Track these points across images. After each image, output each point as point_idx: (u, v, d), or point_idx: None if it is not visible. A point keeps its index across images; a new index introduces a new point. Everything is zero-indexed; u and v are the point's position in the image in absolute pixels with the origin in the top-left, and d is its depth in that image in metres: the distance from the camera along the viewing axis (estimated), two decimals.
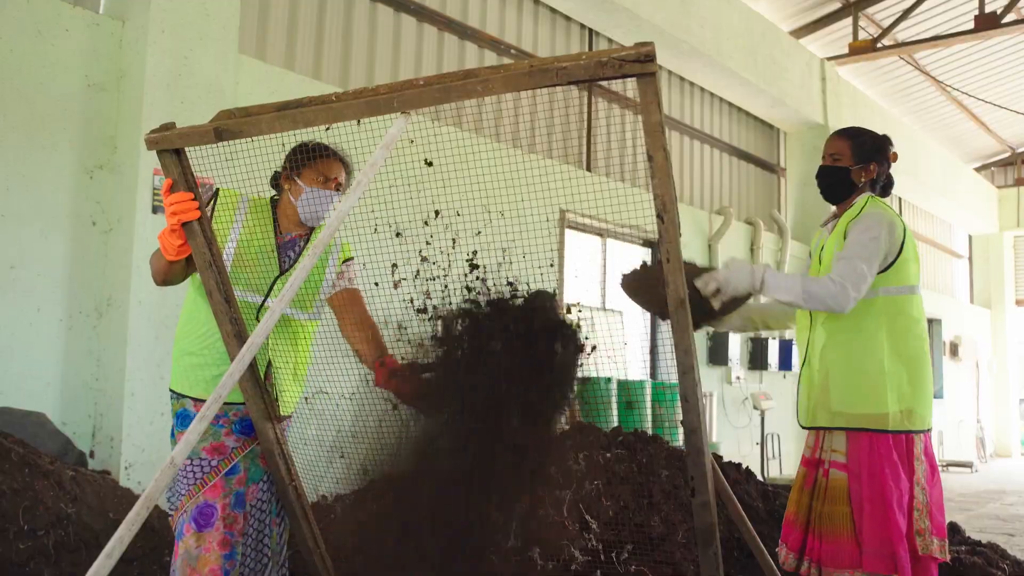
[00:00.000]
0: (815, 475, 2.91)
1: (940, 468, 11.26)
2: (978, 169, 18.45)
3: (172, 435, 3.21)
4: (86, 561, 3.66)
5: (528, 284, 2.74)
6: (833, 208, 3.13)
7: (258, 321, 3.03)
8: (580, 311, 2.54)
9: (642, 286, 2.80)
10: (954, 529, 4.92)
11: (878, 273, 2.88)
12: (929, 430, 2.91)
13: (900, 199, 15.88)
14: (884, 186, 3.14)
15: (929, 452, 2.91)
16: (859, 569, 2.74)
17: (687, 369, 2.56)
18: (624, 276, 2.88)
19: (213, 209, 3.13)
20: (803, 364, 3.05)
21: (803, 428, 3.04)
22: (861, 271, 2.80)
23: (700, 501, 2.68)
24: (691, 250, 9.98)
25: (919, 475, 2.82)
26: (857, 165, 3.05)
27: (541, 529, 3.49)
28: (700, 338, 10.24)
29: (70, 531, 3.90)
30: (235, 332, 3.03)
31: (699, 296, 2.68)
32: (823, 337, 2.95)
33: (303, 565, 3.47)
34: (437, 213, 3.22)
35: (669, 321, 2.47)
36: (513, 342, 2.49)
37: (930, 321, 16.67)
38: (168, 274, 3.09)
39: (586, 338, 2.51)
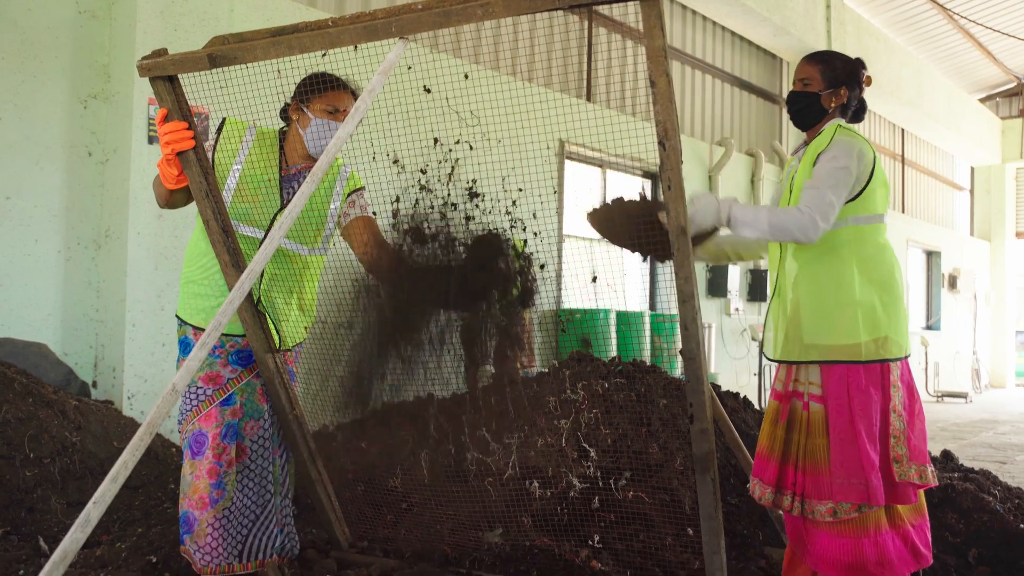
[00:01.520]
0: (789, 408, 2.91)
1: (936, 399, 11.32)
2: (982, 100, 18.25)
3: (177, 361, 3.23)
4: (92, 488, 3.72)
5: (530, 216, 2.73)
6: (804, 135, 3.08)
7: None
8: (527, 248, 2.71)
9: (612, 221, 2.81)
10: (947, 456, 4.99)
11: (847, 202, 2.84)
12: (907, 357, 2.90)
13: (903, 130, 15.74)
14: (856, 111, 3.08)
15: (907, 378, 2.89)
16: (831, 499, 2.77)
17: (687, 297, 2.56)
18: (593, 210, 2.87)
19: (218, 139, 3.10)
20: (773, 296, 3.04)
21: (771, 361, 3.03)
22: (829, 201, 2.77)
23: (698, 428, 2.71)
24: (692, 181, 9.92)
25: (895, 402, 2.82)
26: (827, 90, 2.98)
27: (538, 457, 3.54)
28: (699, 270, 10.25)
29: (75, 459, 3.95)
30: (233, 262, 3.03)
31: (663, 231, 2.65)
32: (794, 269, 2.93)
33: (306, 495, 3.53)
34: (436, 141, 3.18)
35: (639, 255, 2.50)
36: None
37: (929, 253, 16.68)
38: (170, 200, 3.09)
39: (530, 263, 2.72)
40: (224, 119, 3.13)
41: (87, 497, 2.18)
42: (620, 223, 2.78)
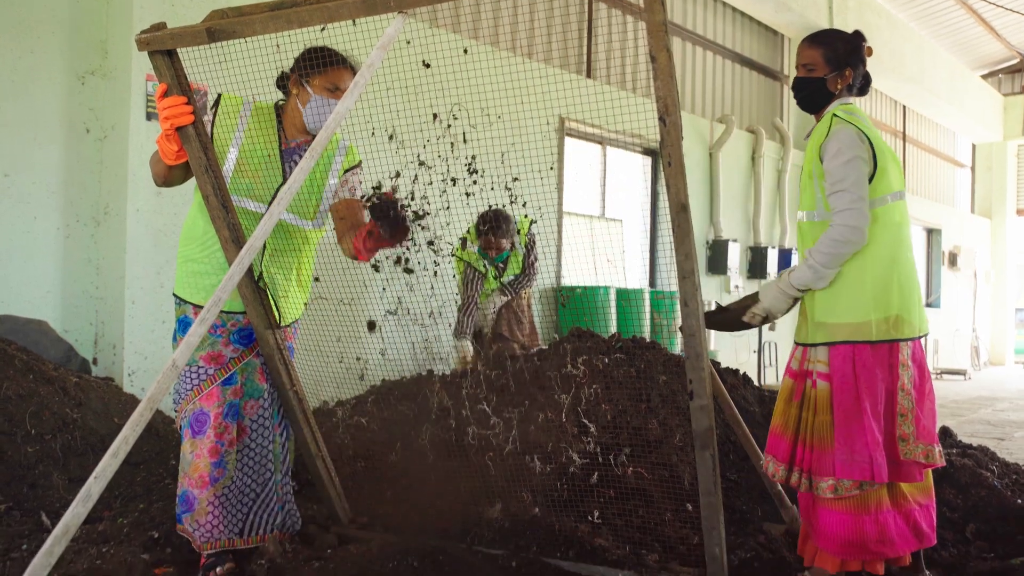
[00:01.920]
0: (803, 387, 2.92)
1: (934, 376, 11.32)
2: (985, 76, 18.15)
3: (174, 339, 3.23)
4: (93, 464, 3.73)
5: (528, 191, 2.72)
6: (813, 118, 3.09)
7: None
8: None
9: (724, 322, 3.22)
10: (946, 433, 5.01)
11: None
12: (918, 337, 2.91)
13: (904, 107, 15.67)
14: (862, 86, 3.07)
15: (918, 357, 2.90)
16: (833, 476, 2.78)
17: (687, 273, 2.56)
18: (708, 316, 3.16)
19: (215, 114, 3.08)
20: None
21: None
22: (857, 197, 2.79)
23: (698, 404, 2.72)
24: (692, 158, 9.89)
25: (904, 381, 2.83)
26: (832, 73, 2.97)
27: (538, 433, 3.55)
28: (699, 247, 10.25)
29: (76, 435, 3.96)
30: (233, 238, 3.02)
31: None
32: (807, 247, 2.96)
33: (306, 472, 3.54)
34: (435, 116, 3.17)
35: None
36: None
37: (930, 231, 16.65)
38: (168, 177, 3.06)
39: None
40: (220, 95, 3.11)
41: (88, 473, 2.19)
42: (733, 322, 3.19)
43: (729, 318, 3.17)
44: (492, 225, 5.33)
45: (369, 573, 2.35)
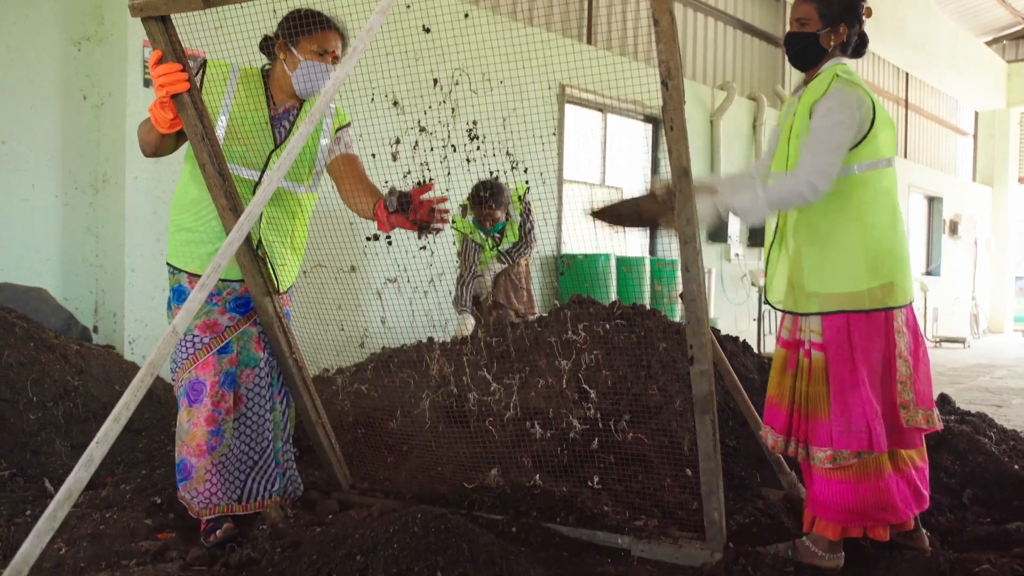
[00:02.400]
0: (796, 357, 2.91)
1: (934, 344, 11.34)
2: (989, 43, 18.01)
3: (168, 308, 3.22)
4: (95, 431, 3.73)
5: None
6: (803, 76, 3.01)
7: None
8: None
9: (617, 215, 2.93)
10: (944, 400, 5.03)
11: (850, 149, 2.80)
12: (910, 303, 2.90)
13: (907, 74, 15.56)
14: (857, 47, 3.00)
15: (911, 324, 2.88)
16: (831, 446, 2.78)
17: (688, 238, 2.55)
18: (595, 213, 2.94)
19: (202, 81, 3.04)
20: (773, 242, 3.01)
21: (772, 308, 3.03)
22: (827, 162, 2.73)
23: (698, 370, 2.72)
24: (693, 126, 9.83)
25: (901, 348, 2.82)
26: (825, 29, 2.90)
27: (539, 399, 3.56)
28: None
29: (78, 403, 3.97)
30: (230, 207, 3.01)
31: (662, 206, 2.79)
32: (794, 215, 2.90)
33: (307, 438, 3.55)
34: (435, 82, 3.14)
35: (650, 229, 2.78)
36: None
37: (931, 199, 16.60)
38: (159, 147, 3.03)
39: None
40: (205, 61, 3.07)
41: (90, 440, 2.20)
42: (628, 216, 2.91)
43: (630, 211, 2.93)
44: (486, 196, 5.31)
45: (370, 538, 2.36)
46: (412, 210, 2.72)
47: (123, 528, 3.06)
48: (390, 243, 3.78)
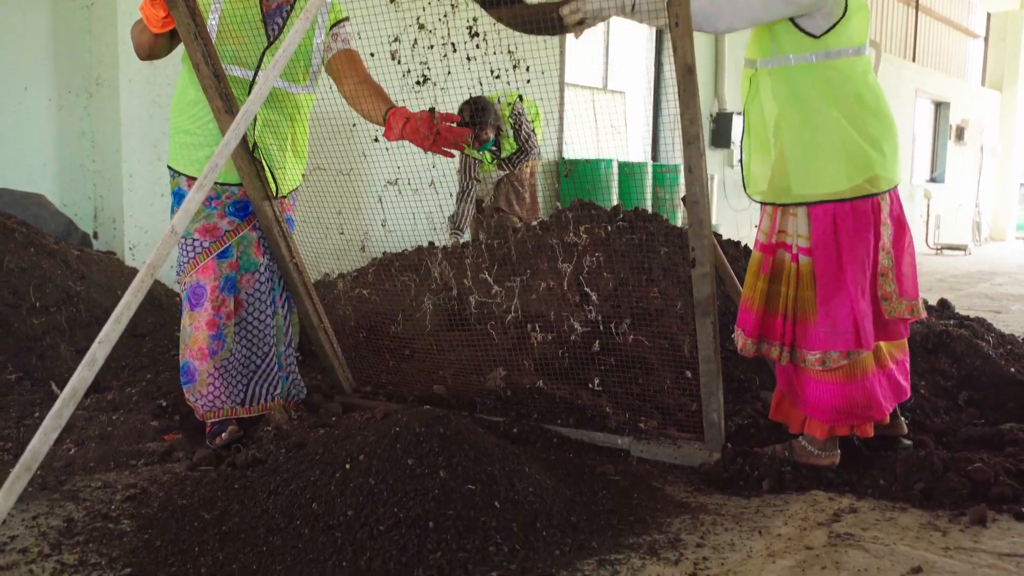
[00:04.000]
0: (772, 260, 2.88)
1: (935, 252, 11.28)
2: None
3: (171, 213, 3.21)
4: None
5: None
6: None
7: None
8: None
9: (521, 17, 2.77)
10: (944, 305, 5.04)
11: (821, 35, 2.71)
12: (893, 188, 2.84)
13: None
14: None
15: (895, 211, 2.84)
16: (820, 349, 2.79)
17: (692, 139, 2.51)
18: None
19: None
20: (746, 134, 2.93)
21: (751, 199, 2.98)
22: (791, 5, 2.63)
23: (700, 272, 2.72)
24: None
25: (884, 240, 2.79)
26: None
27: (540, 302, 3.57)
28: (703, 119, 10.07)
29: (80, 308, 3.98)
30: (226, 108, 2.96)
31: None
32: (773, 112, 2.80)
33: (310, 343, 3.58)
34: None
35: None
36: None
37: (938, 104, 16.35)
38: (153, 48, 2.96)
39: None
40: None
41: None
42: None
43: (528, 10, 2.76)
44: (468, 120, 5.18)
45: (373, 439, 2.40)
46: (436, 134, 2.66)
47: (130, 430, 3.11)
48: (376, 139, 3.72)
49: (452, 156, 2.71)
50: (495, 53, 2.71)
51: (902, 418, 3.09)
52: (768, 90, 2.81)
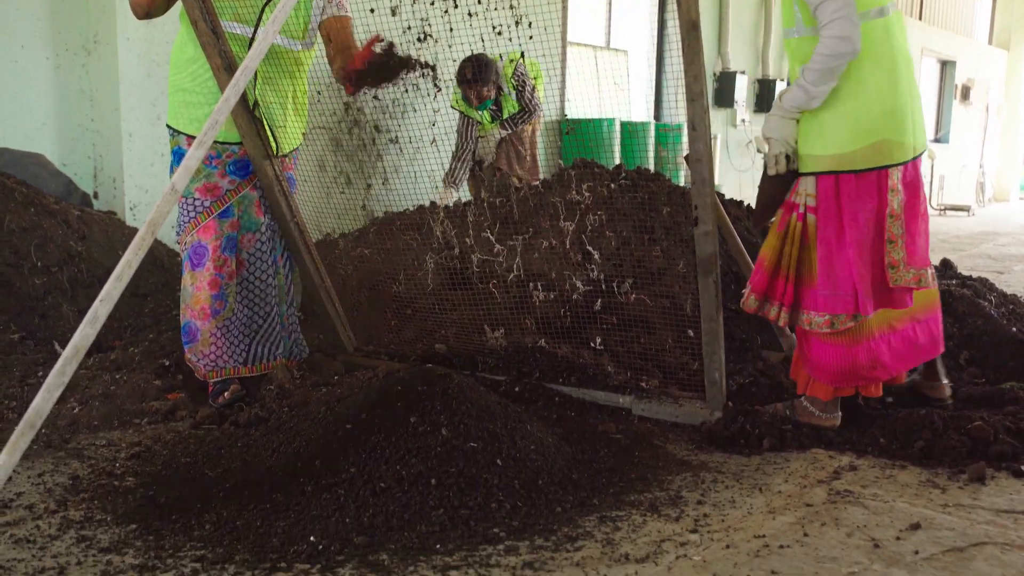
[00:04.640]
0: (788, 219, 2.87)
1: (938, 212, 11.22)
2: None
3: (170, 171, 3.19)
4: None
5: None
6: None
7: None
8: None
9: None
10: (946, 265, 5.03)
11: None
12: (912, 159, 2.83)
13: None
14: None
15: (909, 179, 2.81)
16: (828, 311, 2.79)
17: (695, 96, 2.49)
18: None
19: None
20: None
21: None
22: (842, 4, 2.62)
23: (703, 231, 2.71)
24: None
25: (893, 206, 2.76)
26: None
27: (543, 261, 3.56)
28: (706, 78, 9.97)
29: (82, 268, 3.98)
30: (225, 65, 2.93)
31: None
32: (795, 74, 2.83)
33: (312, 303, 3.58)
34: None
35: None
36: None
37: (943, 63, 16.17)
38: (150, 6, 2.94)
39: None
40: None
41: None
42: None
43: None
44: (470, 77, 5.15)
45: (375, 396, 2.41)
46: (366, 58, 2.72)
47: (133, 389, 3.13)
48: (376, 97, 3.69)
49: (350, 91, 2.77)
50: (496, 9, 2.67)
51: (946, 381, 3.08)
52: (799, 57, 2.81)
